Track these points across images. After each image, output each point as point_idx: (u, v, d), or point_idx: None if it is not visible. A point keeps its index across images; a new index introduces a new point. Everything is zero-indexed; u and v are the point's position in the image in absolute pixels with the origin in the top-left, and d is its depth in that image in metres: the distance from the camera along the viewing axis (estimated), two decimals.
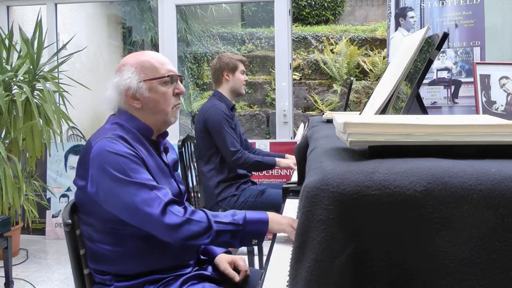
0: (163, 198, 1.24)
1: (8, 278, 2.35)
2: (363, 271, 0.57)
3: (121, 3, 7.20)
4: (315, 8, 8.78)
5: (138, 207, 1.22)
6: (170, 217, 1.22)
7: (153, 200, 1.23)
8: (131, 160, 1.27)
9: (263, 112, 6.98)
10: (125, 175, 1.24)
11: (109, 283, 1.33)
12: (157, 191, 1.25)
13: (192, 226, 1.23)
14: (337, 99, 6.84)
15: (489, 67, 2.48)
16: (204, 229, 1.24)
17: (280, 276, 0.96)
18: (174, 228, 1.22)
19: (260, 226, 1.28)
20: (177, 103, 1.45)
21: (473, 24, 2.80)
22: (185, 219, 1.23)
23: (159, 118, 1.41)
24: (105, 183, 1.25)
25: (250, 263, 2.34)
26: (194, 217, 1.25)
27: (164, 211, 1.22)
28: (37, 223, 3.90)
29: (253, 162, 2.55)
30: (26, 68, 3.30)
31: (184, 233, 1.22)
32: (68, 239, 1.34)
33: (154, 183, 1.27)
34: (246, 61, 2.75)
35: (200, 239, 1.24)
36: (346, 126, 0.66)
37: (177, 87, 1.43)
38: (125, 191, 1.23)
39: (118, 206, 1.25)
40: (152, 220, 1.22)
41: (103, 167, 1.25)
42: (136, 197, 1.23)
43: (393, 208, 0.56)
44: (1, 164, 3.05)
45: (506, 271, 0.55)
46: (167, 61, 1.43)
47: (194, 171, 2.73)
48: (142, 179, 1.25)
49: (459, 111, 2.80)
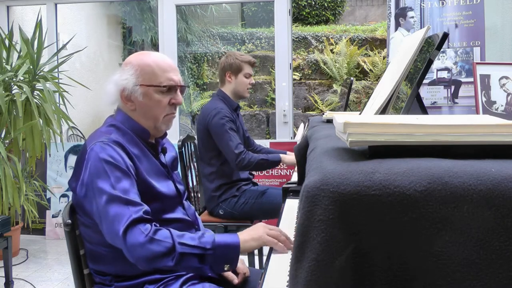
0: (133, 215, 1.18)
1: (8, 278, 2.35)
2: (363, 271, 0.57)
3: (121, 3, 7.20)
4: (315, 8, 8.78)
5: (109, 219, 1.20)
6: (133, 236, 1.16)
7: (123, 216, 1.18)
8: (119, 168, 1.25)
9: (263, 112, 6.98)
10: (108, 183, 1.22)
11: (109, 283, 1.33)
12: (132, 207, 1.21)
13: (154, 245, 1.15)
14: (337, 99, 6.84)
15: (489, 67, 2.48)
16: (167, 250, 1.16)
17: (280, 276, 0.96)
18: (135, 247, 1.16)
19: (230, 250, 1.20)
20: (171, 113, 1.40)
21: (473, 24, 2.80)
22: (148, 238, 1.16)
23: (150, 123, 1.39)
24: (90, 188, 1.25)
25: (250, 263, 2.34)
26: (156, 236, 1.17)
27: (128, 229, 1.17)
28: (37, 223, 3.90)
29: (258, 161, 2.47)
30: (26, 68, 3.30)
31: (144, 253, 1.15)
32: (68, 239, 1.34)
33: (132, 197, 1.22)
34: (255, 63, 2.66)
35: (163, 260, 1.16)
36: (346, 126, 0.65)
37: (175, 98, 1.39)
38: (103, 200, 1.22)
39: (95, 213, 1.25)
40: (117, 237, 1.18)
41: (92, 172, 1.25)
42: (109, 209, 1.20)
43: (393, 208, 0.56)
44: (1, 164, 3.05)
45: (506, 271, 0.55)
46: (170, 68, 1.39)
47: (194, 171, 2.72)
48: (121, 191, 1.22)
49: (459, 111, 2.80)
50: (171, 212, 1.40)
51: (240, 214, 2.52)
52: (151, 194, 1.32)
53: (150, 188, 1.33)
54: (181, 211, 1.45)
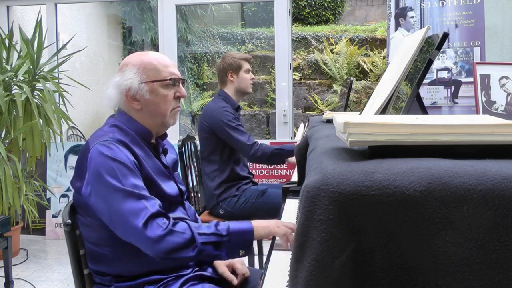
0: (150, 209, 1.21)
1: (8, 278, 2.35)
2: (363, 271, 0.57)
3: (121, 3, 7.21)
4: (315, 8, 8.78)
5: (123, 215, 1.20)
6: (152, 230, 1.18)
7: (140, 210, 1.20)
8: (125, 166, 1.25)
9: (263, 112, 6.98)
10: (117, 180, 1.23)
11: (109, 283, 1.33)
12: (145, 201, 1.22)
13: (174, 237, 1.19)
14: (337, 99, 6.84)
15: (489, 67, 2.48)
16: (187, 241, 1.20)
17: (280, 276, 0.96)
18: (156, 241, 1.18)
19: (245, 236, 1.24)
20: (177, 106, 1.43)
21: (473, 24, 2.80)
22: (168, 230, 1.19)
23: (158, 120, 1.40)
24: (98, 187, 1.25)
25: (250, 263, 2.34)
26: (176, 228, 1.20)
27: (147, 223, 1.19)
28: (37, 223, 3.90)
29: (272, 151, 2.51)
30: (26, 68, 3.30)
31: (166, 246, 1.18)
32: (68, 239, 1.34)
33: (143, 193, 1.25)
34: (251, 59, 2.71)
35: (183, 251, 1.19)
36: (346, 126, 0.66)
37: (179, 91, 1.42)
38: (114, 198, 1.22)
39: (106, 212, 1.24)
40: (135, 233, 1.19)
41: (98, 171, 1.25)
42: (123, 205, 1.21)
43: (393, 208, 0.56)
44: (1, 164, 3.05)
45: (506, 271, 0.55)
46: (170, 64, 1.42)
47: (194, 171, 2.72)
48: (132, 187, 1.23)
49: (459, 111, 2.80)
50: (172, 212, 1.40)
51: (240, 214, 2.52)
52: (156, 193, 1.32)
53: (155, 187, 1.34)
54: (181, 211, 1.46)
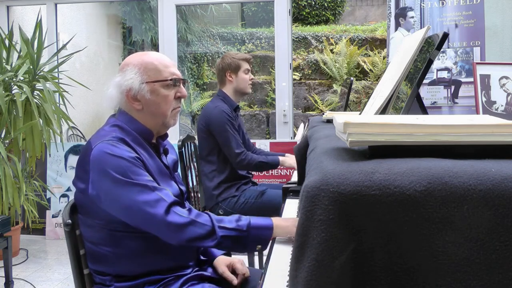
0: (166, 199, 1.24)
1: (8, 278, 2.35)
2: (363, 271, 0.57)
3: (121, 3, 7.20)
4: (315, 8, 8.78)
5: (140, 208, 1.22)
6: (173, 218, 1.22)
7: (156, 201, 1.23)
8: (132, 162, 1.27)
9: (263, 112, 6.98)
10: (126, 177, 1.24)
11: (109, 283, 1.33)
12: (159, 192, 1.25)
13: (197, 228, 1.23)
14: (337, 99, 6.84)
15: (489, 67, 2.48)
16: (208, 232, 1.24)
17: (280, 276, 0.96)
18: (178, 228, 1.22)
19: (264, 232, 1.27)
20: (177, 106, 1.44)
21: (473, 24, 2.80)
22: (190, 220, 1.23)
23: (158, 120, 1.40)
24: (106, 185, 1.25)
25: (250, 263, 2.34)
26: (199, 220, 1.25)
27: (168, 211, 1.22)
28: (37, 223, 3.90)
29: (257, 163, 2.56)
30: (26, 68, 3.30)
31: (188, 235, 1.22)
32: (68, 239, 1.34)
33: (156, 185, 1.27)
34: (251, 59, 2.72)
35: (203, 241, 1.24)
36: (346, 126, 0.66)
37: (179, 91, 1.43)
38: (127, 192, 1.23)
39: (119, 208, 1.25)
40: (155, 221, 1.22)
41: (104, 169, 1.25)
42: (138, 198, 1.23)
43: (393, 208, 0.56)
44: (1, 164, 3.05)
45: (506, 271, 0.55)
46: (171, 64, 1.43)
47: (194, 171, 2.72)
48: (144, 181, 1.25)
49: (459, 111, 2.80)
50: None
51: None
52: None
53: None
54: None
